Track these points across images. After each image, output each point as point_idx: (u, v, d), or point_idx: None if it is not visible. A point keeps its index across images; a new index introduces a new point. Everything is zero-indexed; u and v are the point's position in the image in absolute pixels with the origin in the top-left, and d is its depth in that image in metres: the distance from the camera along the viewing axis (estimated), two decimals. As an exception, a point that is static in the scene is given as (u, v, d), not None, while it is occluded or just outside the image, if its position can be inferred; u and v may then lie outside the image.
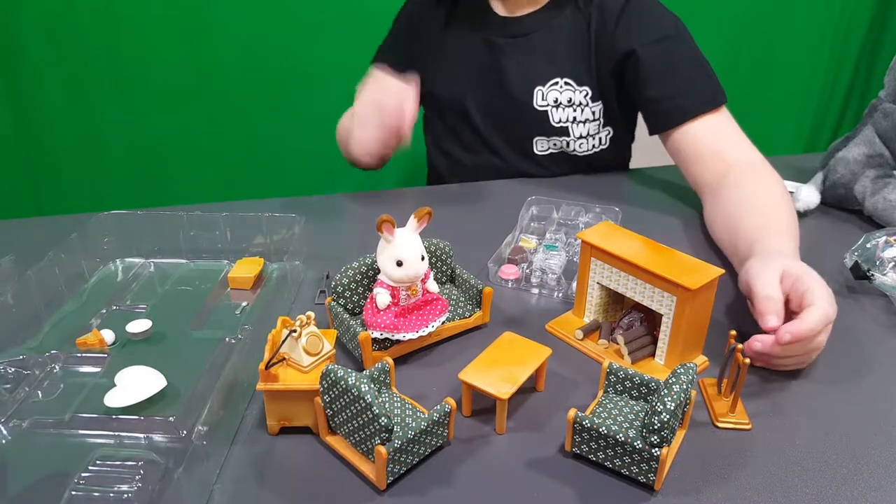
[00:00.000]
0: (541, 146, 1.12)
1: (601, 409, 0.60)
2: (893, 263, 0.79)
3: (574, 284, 0.75)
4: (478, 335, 0.73)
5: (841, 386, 0.66)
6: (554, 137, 1.10)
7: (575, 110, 1.08)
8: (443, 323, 0.69)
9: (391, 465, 0.53)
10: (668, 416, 0.51)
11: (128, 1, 1.66)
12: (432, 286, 0.69)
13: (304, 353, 0.58)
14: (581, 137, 1.10)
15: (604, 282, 0.70)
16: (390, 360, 0.61)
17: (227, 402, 0.59)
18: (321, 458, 0.57)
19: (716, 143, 0.98)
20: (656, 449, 0.52)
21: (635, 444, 0.52)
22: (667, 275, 0.62)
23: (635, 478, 0.54)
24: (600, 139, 1.12)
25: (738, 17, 1.96)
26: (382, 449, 0.52)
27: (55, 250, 0.77)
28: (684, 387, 0.54)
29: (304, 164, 1.86)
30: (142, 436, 0.57)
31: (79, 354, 0.68)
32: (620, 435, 0.53)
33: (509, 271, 0.82)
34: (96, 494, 0.53)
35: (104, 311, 0.76)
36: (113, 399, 0.60)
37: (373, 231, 0.64)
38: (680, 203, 1.04)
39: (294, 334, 0.58)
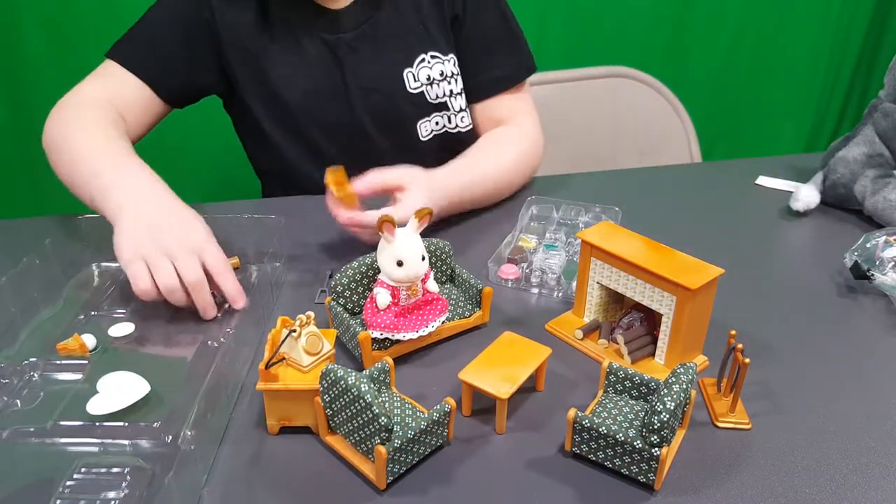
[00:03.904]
0: (425, 130, 1.05)
1: (601, 408, 0.60)
2: (893, 263, 0.79)
3: (574, 284, 0.75)
4: (478, 335, 0.73)
5: (841, 386, 0.66)
6: (435, 115, 1.04)
7: (450, 82, 1.03)
8: (443, 323, 0.69)
9: (391, 465, 0.53)
10: (667, 416, 0.51)
11: (127, 1, 1.66)
12: (432, 286, 0.69)
13: (304, 353, 0.58)
14: (462, 110, 1.05)
15: (604, 281, 0.70)
16: (390, 360, 0.61)
17: (213, 406, 0.58)
18: (321, 458, 0.57)
19: (507, 118, 1.07)
20: (656, 449, 0.52)
21: (635, 443, 0.52)
22: (667, 275, 0.62)
23: (635, 478, 0.54)
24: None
25: (737, 17, 1.96)
26: (382, 449, 0.52)
27: (30, 256, 0.75)
28: (684, 386, 0.54)
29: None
30: (127, 442, 0.57)
31: (58, 361, 0.67)
32: (620, 435, 0.53)
33: (509, 271, 0.81)
34: (83, 502, 0.52)
35: (82, 316, 0.75)
36: (95, 406, 0.59)
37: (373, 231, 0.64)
38: (680, 203, 1.04)
39: (294, 334, 0.58)
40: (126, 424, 0.58)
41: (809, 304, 0.79)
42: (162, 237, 0.72)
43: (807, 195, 0.98)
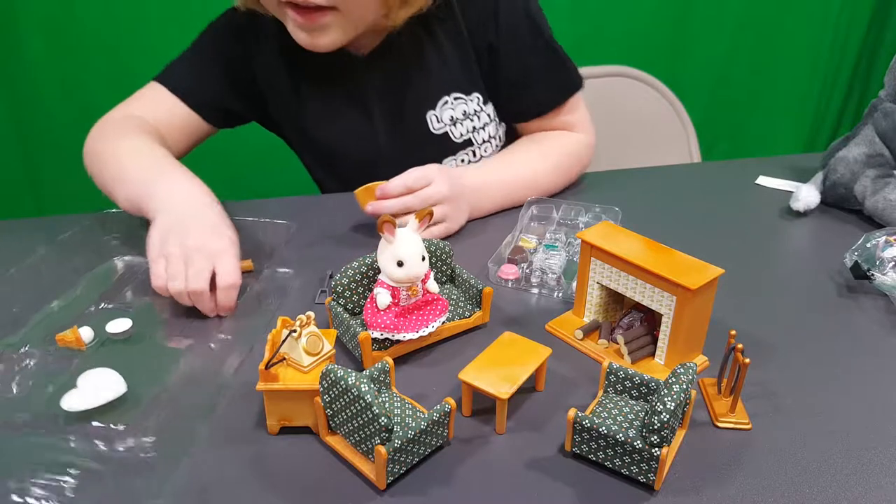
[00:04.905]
0: (449, 164, 1.08)
1: (601, 408, 0.60)
2: (893, 263, 0.79)
3: (574, 284, 0.75)
4: (478, 335, 0.73)
5: (841, 386, 0.66)
6: (461, 153, 1.07)
7: (472, 119, 1.05)
8: (443, 323, 0.69)
9: (391, 465, 0.53)
10: (668, 416, 0.51)
11: (128, 1, 1.66)
12: (432, 286, 0.69)
13: (304, 353, 0.58)
14: (485, 142, 1.07)
15: (604, 282, 0.70)
16: (390, 360, 0.61)
17: (189, 413, 0.59)
18: (321, 458, 0.57)
19: (556, 129, 1.08)
20: (656, 449, 0.52)
21: (635, 443, 0.52)
22: (667, 275, 0.62)
23: (635, 478, 0.54)
24: (499, 136, 1.10)
25: (737, 17, 1.96)
26: (382, 449, 0.52)
27: (49, 246, 0.77)
28: (684, 387, 0.54)
29: (297, 164, 1.85)
30: (90, 442, 0.56)
31: (51, 352, 0.67)
32: (620, 435, 0.53)
33: (509, 271, 0.81)
34: (30, 500, 0.52)
35: (92, 308, 0.76)
36: (70, 402, 0.59)
37: (373, 231, 0.64)
38: (680, 203, 1.04)
39: (294, 334, 0.58)
40: (91, 424, 0.58)
41: (809, 304, 0.79)
42: (186, 239, 0.74)
43: (807, 195, 0.98)
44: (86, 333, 0.70)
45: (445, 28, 1.00)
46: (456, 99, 1.02)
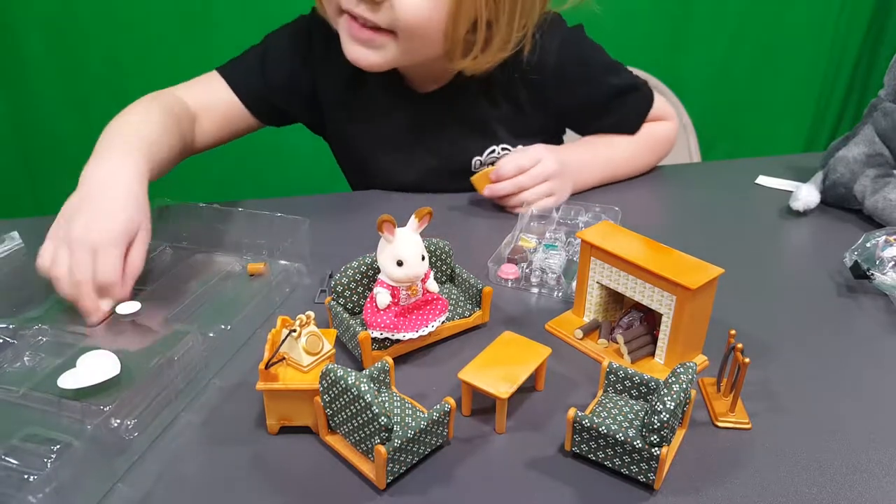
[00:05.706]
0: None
1: (601, 408, 0.60)
2: (893, 263, 0.79)
3: (574, 284, 0.75)
4: (478, 335, 0.73)
5: (841, 385, 0.66)
6: None
7: None
8: (443, 323, 0.69)
9: (391, 465, 0.53)
10: (667, 416, 0.51)
11: (128, 1, 1.66)
12: (432, 286, 0.69)
13: (304, 353, 0.58)
14: None
15: (604, 281, 0.70)
16: (390, 360, 0.61)
17: (175, 399, 0.60)
18: (321, 458, 0.57)
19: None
20: (656, 448, 0.52)
21: (635, 443, 0.52)
22: (667, 274, 0.62)
23: (635, 477, 0.54)
24: None
25: (737, 17, 1.96)
26: (382, 448, 0.52)
27: None
28: (684, 386, 0.54)
29: (304, 164, 1.86)
30: (76, 420, 0.57)
31: (63, 330, 0.69)
32: (620, 434, 0.53)
33: (509, 271, 0.81)
34: (10, 462, 0.53)
35: None
36: (65, 380, 0.61)
37: (373, 230, 0.64)
38: (680, 203, 1.04)
39: (294, 334, 0.58)
40: (81, 402, 0.59)
41: (809, 304, 0.79)
42: (74, 224, 0.72)
43: (807, 195, 0.98)
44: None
45: (504, 87, 1.02)
46: (503, 149, 1.05)
